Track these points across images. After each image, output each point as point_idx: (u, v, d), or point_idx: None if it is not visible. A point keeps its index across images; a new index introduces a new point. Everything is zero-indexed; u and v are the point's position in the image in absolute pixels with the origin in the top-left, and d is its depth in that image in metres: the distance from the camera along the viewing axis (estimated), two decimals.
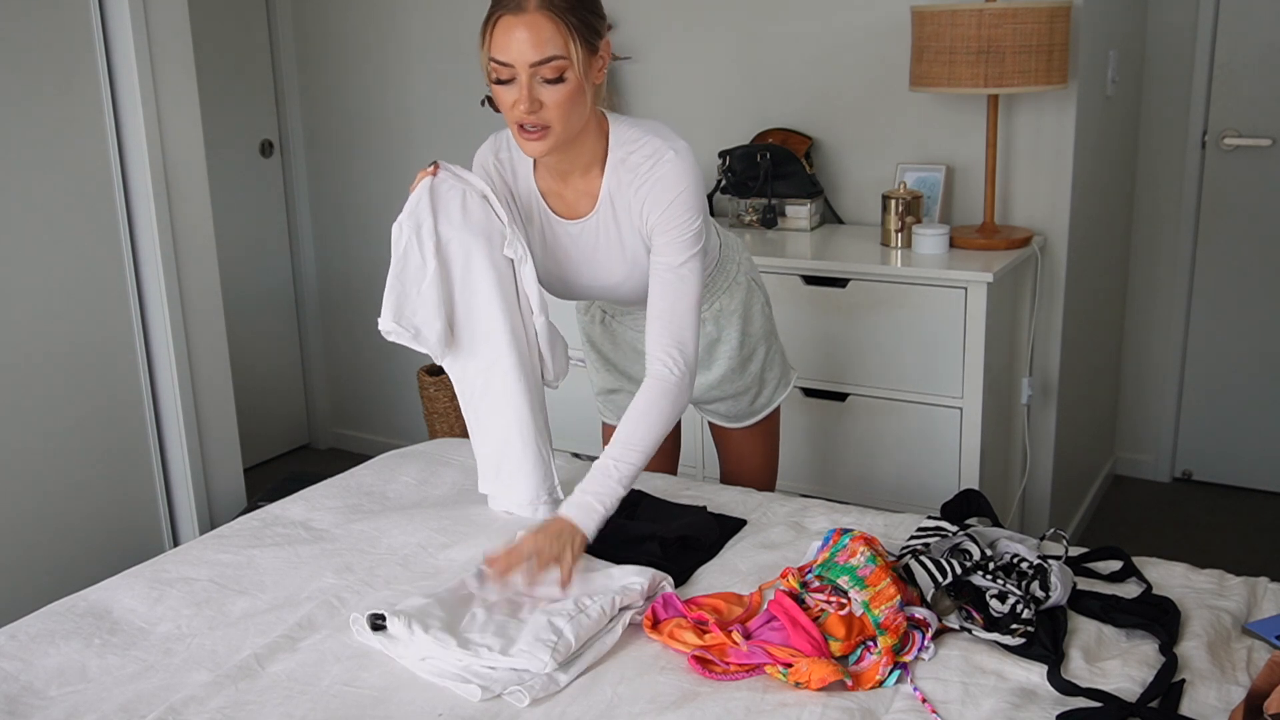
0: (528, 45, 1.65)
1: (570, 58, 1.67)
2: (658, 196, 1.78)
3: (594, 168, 1.83)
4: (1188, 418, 3.71)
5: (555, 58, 1.66)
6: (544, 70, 1.66)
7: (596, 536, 1.81)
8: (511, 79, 1.68)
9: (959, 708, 1.38)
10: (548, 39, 1.65)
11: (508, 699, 1.42)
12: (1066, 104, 2.84)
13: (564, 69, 1.67)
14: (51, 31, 2.60)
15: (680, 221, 1.79)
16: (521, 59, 1.66)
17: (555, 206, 1.89)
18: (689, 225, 1.79)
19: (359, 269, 4.08)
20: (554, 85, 1.68)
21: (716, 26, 3.24)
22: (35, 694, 1.48)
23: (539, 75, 1.67)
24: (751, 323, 2.13)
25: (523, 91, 1.67)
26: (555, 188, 1.88)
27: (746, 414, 2.20)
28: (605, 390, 2.28)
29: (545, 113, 1.69)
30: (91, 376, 2.77)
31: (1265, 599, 1.61)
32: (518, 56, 1.66)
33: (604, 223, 1.85)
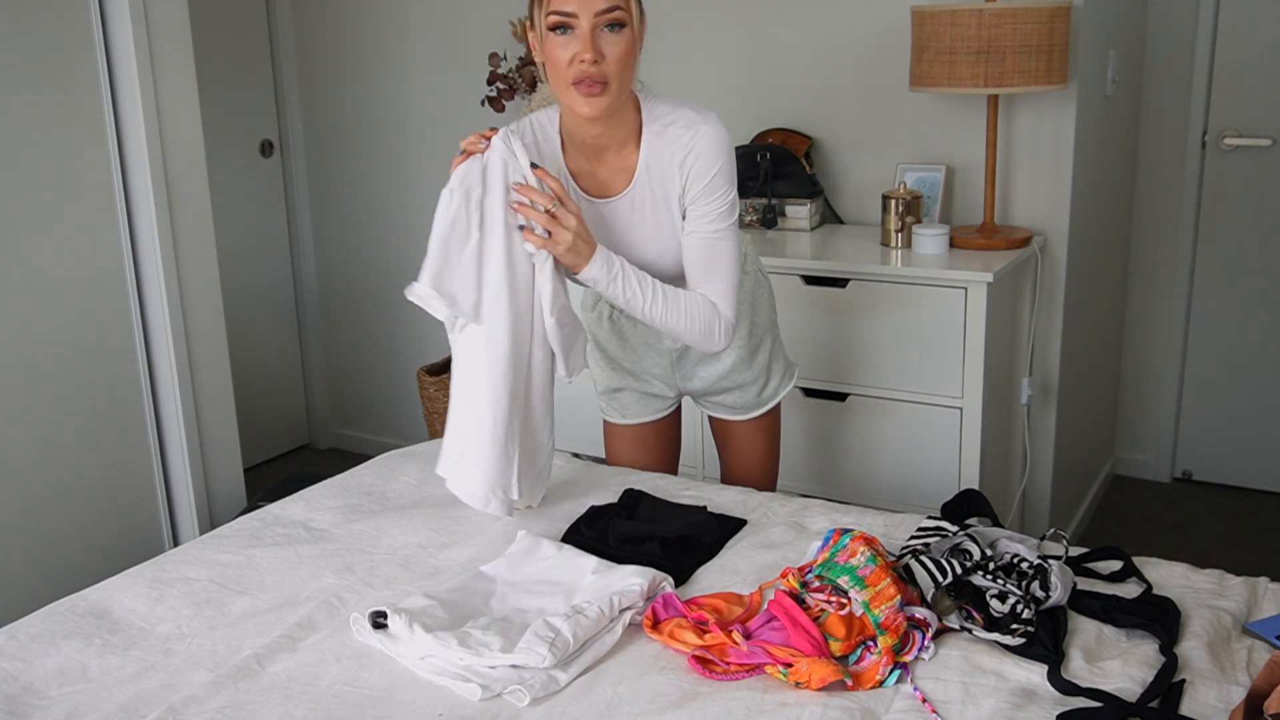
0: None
1: (629, 8, 1.71)
2: (700, 168, 1.81)
3: (630, 142, 1.85)
4: (1188, 418, 3.71)
5: (617, 6, 1.69)
6: (608, 18, 1.69)
7: (597, 536, 1.82)
8: (572, 28, 1.70)
9: (959, 708, 1.38)
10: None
11: (508, 698, 1.42)
12: (1066, 104, 2.84)
13: (624, 19, 1.71)
14: (51, 31, 2.60)
15: (720, 192, 1.83)
16: (588, 6, 1.68)
17: (587, 186, 1.89)
18: (727, 196, 1.84)
19: (359, 269, 4.09)
20: (616, 34, 1.71)
21: (716, 26, 3.24)
22: (35, 694, 1.48)
23: (601, 24, 1.69)
24: (759, 313, 2.15)
25: (585, 41, 1.69)
26: (587, 167, 1.89)
27: (754, 405, 2.20)
28: (609, 389, 2.27)
29: (605, 65, 1.71)
30: (91, 376, 2.77)
31: (1265, 599, 1.61)
32: (583, 4, 1.68)
33: (640, 198, 1.86)
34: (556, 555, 1.72)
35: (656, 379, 2.21)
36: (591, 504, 1.95)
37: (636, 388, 2.23)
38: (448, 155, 4.15)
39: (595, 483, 2.09)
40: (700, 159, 1.81)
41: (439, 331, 3.95)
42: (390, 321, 4.07)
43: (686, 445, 2.78)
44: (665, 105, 1.86)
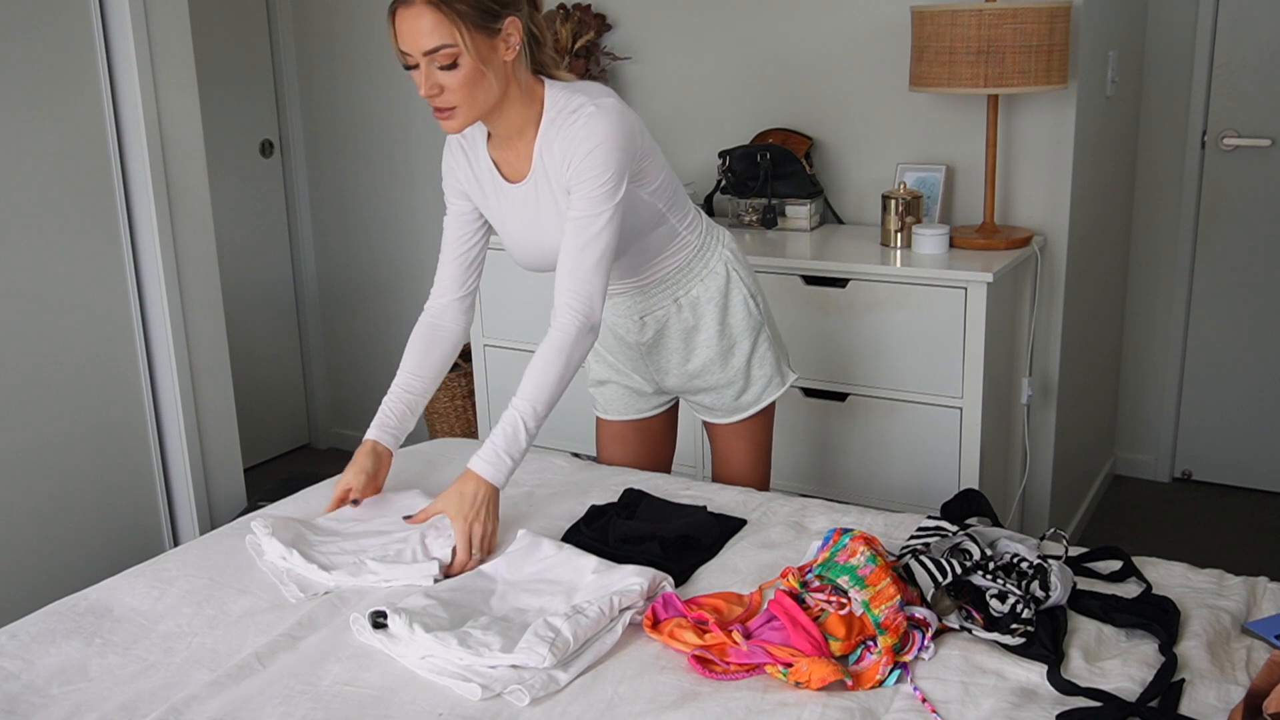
0: (417, 36, 1.73)
1: (459, 44, 1.73)
2: (575, 149, 1.82)
3: (529, 130, 1.88)
4: (1188, 418, 3.71)
5: (444, 46, 1.73)
6: (437, 58, 1.74)
7: (597, 536, 1.82)
8: (415, 65, 1.76)
9: (959, 708, 1.38)
10: (432, 29, 1.72)
11: (508, 698, 1.42)
12: (1066, 104, 2.84)
13: (455, 55, 1.74)
14: (52, 32, 2.60)
15: (593, 174, 1.81)
16: (415, 48, 1.74)
17: (505, 172, 1.95)
18: (601, 179, 1.81)
19: (359, 269, 4.09)
20: (450, 70, 1.75)
21: (716, 26, 3.24)
22: (36, 693, 1.48)
23: (434, 62, 1.74)
24: (730, 313, 2.11)
25: (420, 77, 1.76)
26: (503, 154, 1.94)
27: (732, 409, 2.18)
28: (597, 381, 2.29)
29: (447, 95, 1.77)
30: (92, 377, 2.77)
31: (1265, 599, 1.61)
32: (411, 46, 1.74)
33: (539, 183, 1.90)
34: (556, 555, 1.72)
35: (634, 372, 2.23)
36: (591, 504, 1.95)
37: (620, 381, 2.24)
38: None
39: (595, 483, 2.09)
40: (575, 139, 1.82)
41: None
42: (390, 321, 4.07)
43: (684, 444, 2.78)
44: (566, 92, 1.87)
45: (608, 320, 2.16)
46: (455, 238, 2.04)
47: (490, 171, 1.95)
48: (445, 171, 2.02)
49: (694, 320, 2.10)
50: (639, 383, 2.23)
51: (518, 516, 1.95)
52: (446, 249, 2.05)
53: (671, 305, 2.09)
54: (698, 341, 2.12)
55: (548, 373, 1.81)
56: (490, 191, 1.97)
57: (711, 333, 2.11)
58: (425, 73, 1.75)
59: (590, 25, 3.31)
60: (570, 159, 1.82)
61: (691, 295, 2.08)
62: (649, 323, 2.11)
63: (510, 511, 1.99)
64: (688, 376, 2.16)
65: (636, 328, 2.13)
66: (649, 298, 2.09)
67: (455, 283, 2.05)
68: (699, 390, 2.19)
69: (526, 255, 2.03)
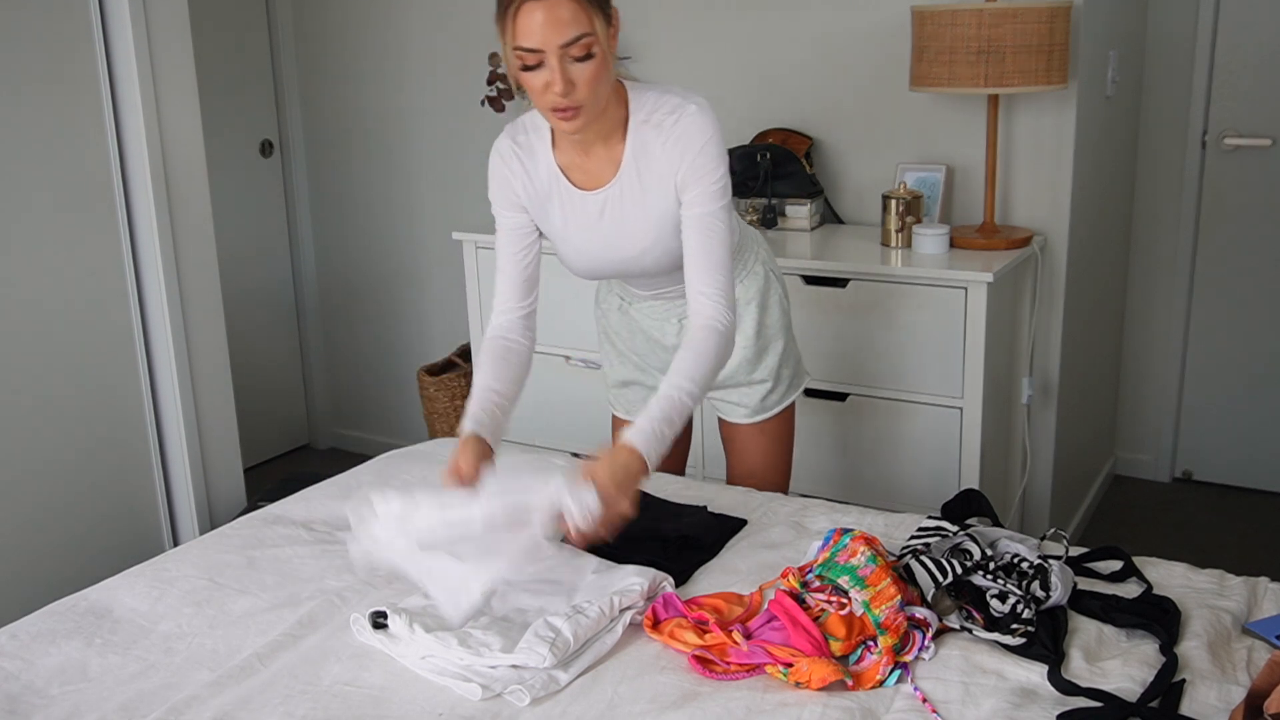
0: (554, 28, 1.64)
1: (595, 32, 1.67)
2: (685, 148, 1.80)
3: (616, 134, 1.84)
4: (1188, 418, 3.71)
5: (582, 35, 1.66)
6: (573, 50, 1.66)
7: None
8: (539, 64, 1.68)
9: (959, 708, 1.38)
10: (572, 18, 1.65)
11: (508, 698, 1.42)
12: (1066, 104, 2.84)
13: (591, 45, 1.67)
14: (51, 31, 2.60)
15: (708, 170, 1.81)
16: (549, 42, 1.65)
17: (576, 179, 1.88)
18: (716, 174, 1.82)
19: (359, 269, 4.09)
20: (583, 63, 1.68)
21: (716, 26, 3.24)
22: (36, 693, 1.48)
23: (568, 56, 1.67)
24: (768, 313, 2.13)
25: (554, 75, 1.67)
26: (576, 160, 1.88)
27: (757, 409, 2.17)
28: (620, 383, 2.26)
29: (577, 92, 1.69)
30: (91, 377, 2.77)
31: (1265, 599, 1.61)
32: (545, 40, 1.65)
33: (628, 187, 1.86)
34: (557, 555, 1.72)
35: (661, 373, 2.18)
36: None
37: (644, 381, 2.21)
38: (448, 155, 4.17)
39: None
40: (683, 141, 1.81)
41: (439, 331, 3.95)
42: (390, 321, 4.07)
43: None
44: (652, 94, 1.85)
45: (641, 323, 2.15)
46: (514, 252, 1.93)
47: (557, 180, 1.89)
48: (497, 184, 1.92)
49: None
50: None
51: None
52: (505, 265, 1.94)
53: None
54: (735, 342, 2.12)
55: (706, 356, 1.78)
56: (555, 201, 1.90)
57: (749, 334, 2.11)
58: (559, 69, 1.66)
59: None
60: (684, 158, 1.80)
61: None
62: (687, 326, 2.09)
63: None
64: (721, 377, 2.15)
65: (674, 331, 2.11)
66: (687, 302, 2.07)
67: (518, 298, 1.94)
68: (727, 388, 2.18)
69: (591, 264, 1.97)
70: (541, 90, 1.70)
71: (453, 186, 3.78)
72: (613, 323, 2.22)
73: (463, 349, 3.64)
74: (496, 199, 1.93)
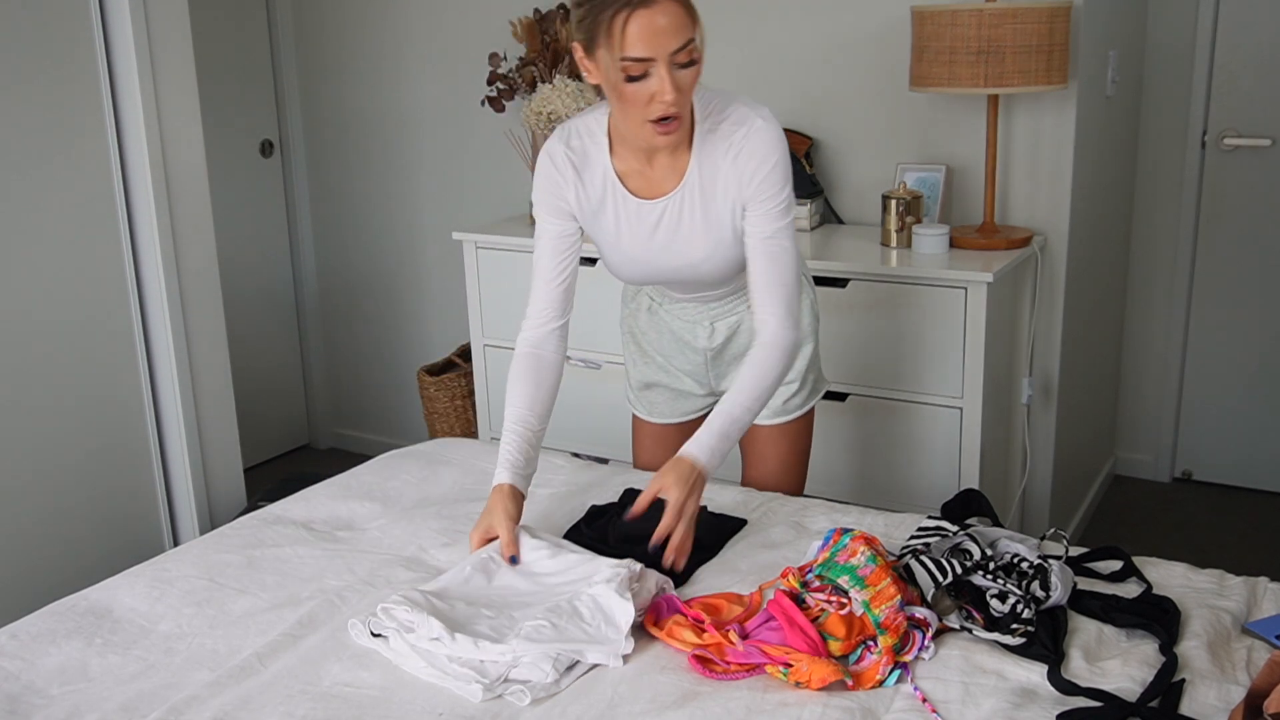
0: (666, 34, 1.60)
1: (696, 37, 1.64)
2: (752, 166, 1.77)
3: (682, 143, 1.80)
4: (1188, 418, 3.71)
5: (690, 41, 1.63)
6: (679, 56, 1.63)
7: (597, 536, 1.82)
8: (645, 74, 1.63)
9: (959, 708, 1.38)
10: (681, 24, 1.62)
11: (508, 698, 1.42)
12: (1066, 104, 2.84)
13: (694, 50, 1.64)
14: (51, 31, 2.60)
15: (774, 189, 1.79)
16: (661, 50, 1.60)
17: (634, 187, 1.84)
18: (782, 193, 1.80)
19: (359, 269, 4.09)
20: (687, 69, 1.65)
21: (716, 27, 3.23)
22: (37, 693, 1.48)
23: (674, 62, 1.63)
24: (801, 316, 2.11)
25: (665, 83, 1.62)
26: (637, 168, 1.83)
27: (780, 411, 2.15)
28: (643, 384, 2.24)
29: (680, 99, 1.66)
30: (91, 376, 2.77)
31: (1265, 599, 1.61)
32: (659, 48, 1.60)
33: (689, 197, 1.83)
34: (557, 555, 1.72)
35: (688, 375, 2.17)
36: (592, 504, 1.95)
37: (668, 384, 2.19)
38: (448, 155, 4.17)
39: (595, 483, 2.09)
40: (753, 157, 1.77)
41: (439, 331, 3.95)
42: (390, 321, 4.07)
43: None
44: (717, 101, 1.81)
45: (672, 326, 2.13)
46: (555, 261, 1.88)
47: (614, 187, 1.84)
48: (546, 190, 1.86)
49: None
50: (690, 385, 2.18)
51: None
52: (544, 274, 1.89)
53: (745, 311, 2.05)
54: None
55: (769, 374, 1.79)
56: (610, 208, 1.86)
57: None
58: (668, 76, 1.62)
59: None
60: (751, 176, 1.78)
61: None
62: (720, 329, 2.08)
63: None
64: None
65: (706, 333, 2.10)
66: (723, 304, 2.06)
67: (555, 310, 1.90)
68: None
69: (642, 271, 1.94)
70: (646, 101, 1.65)
71: (453, 186, 3.78)
72: (640, 324, 2.19)
73: (463, 349, 3.65)
74: (543, 204, 1.87)
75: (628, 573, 1.58)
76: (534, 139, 3.20)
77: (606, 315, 2.97)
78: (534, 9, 3.39)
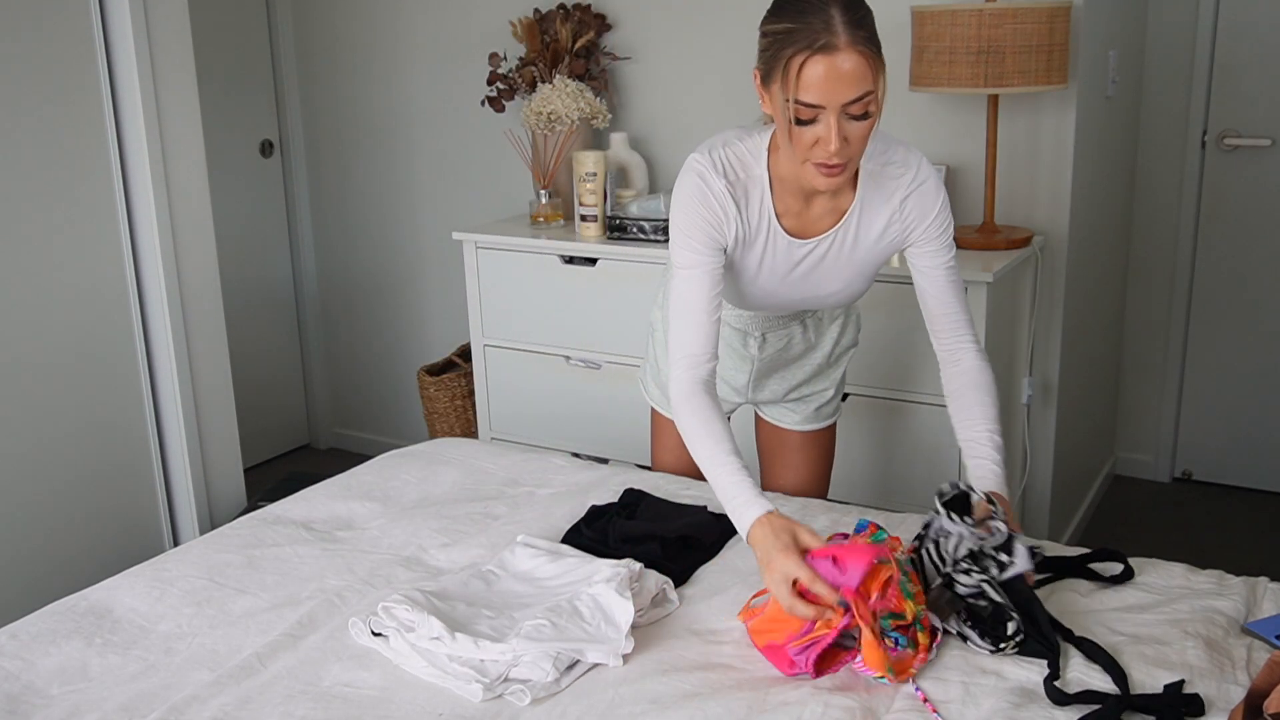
0: (841, 84, 1.55)
1: (875, 90, 1.60)
2: (925, 207, 1.79)
3: (845, 183, 1.76)
4: (1188, 418, 3.71)
5: (867, 94, 1.59)
6: (853, 108, 1.59)
7: (597, 536, 1.82)
8: (814, 119, 1.58)
9: (959, 708, 1.38)
10: (861, 76, 1.56)
11: (508, 698, 1.42)
12: (1066, 104, 2.84)
13: (870, 104, 1.60)
14: (51, 32, 2.60)
15: (944, 229, 1.81)
16: (834, 100, 1.56)
17: (789, 226, 1.81)
18: (950, 232, 1.82)
19: (359, 269, 4.09)
20: (860, 121, 1.61)
21: (716, 27, 3.24)
22: (36, 693, 1.48)
23: (846, 113, 1.59)
24: (847, 331, 2.15)
25: (830, 133, 1.58)
26: (795, 208, 1.80)
27: (813, 417, 2.16)
28: None
29: (846, 149, 1.61)
30: (92, 377, 2.77)
31: (1265, 599, 1.61)
32: (830, 98, 1.56)
33: (844, 238, 1.81)
34: (557, 556, 1.72)
35: (727, 383, 2.13)
36: (592, 504, 1.95)
37: None
38: (448, 155, 4.16)
39: (595, 483, 2.09)
40: (925, 198, 1.78)
41: (439, 331, 3.95)
42: (390, 321, 4.07)
43: None
44: (879, 142, 1.78)
45: (722, 334, 2.07)
46: (712, 296, 1.77)
47: (771, 224, 1.78)
48: (707, 223, 1.75)
49: (815, 339, 2.10)
50: (726, 392, 2.14)
51: (517, 517, 1.95)
52: (701, 309, 1.76)
53: (797, 326, 2.06)
54: (812, 357, 2.11)
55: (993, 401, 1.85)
56: (763, 244, 1.81)
57: (828, 346, 2.11)
58: (835, 125, 1.57)
59: (590, 25, 3.31)
60: (923, 217, 1.79)
61: (817, 315, 2.08)
62: (771, 340, 2.07)
63: (511, 512, 1.99)
64: (787, 390, 2.13)
65: (756, 343, 2.07)
66: (778, 317, 2.04)
67: (711, 348, 1.77)
68: (790, 400, 2.16)
69: (768, 301, 1.91)
70: (810, 145, 1.62)
71: (453, 186, 3.78)
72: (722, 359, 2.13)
73: (463, 349, 3.65)
74: (700, 240, 1.77)
75: (627, 572, 1.59)
76: (534, 139, 3.21)
77: (607, 315, 2.98)
78: (534, 9, 3.39)
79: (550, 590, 1.64)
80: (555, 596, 1.60)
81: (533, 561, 1.71)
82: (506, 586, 1.66)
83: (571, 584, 1.63)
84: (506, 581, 1.68)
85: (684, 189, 1.76)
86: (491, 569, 1.70)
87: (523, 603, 1.61)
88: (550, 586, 1.65)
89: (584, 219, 2.98)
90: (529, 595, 1.63)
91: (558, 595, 1.60)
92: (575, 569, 1.67)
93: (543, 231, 3.11)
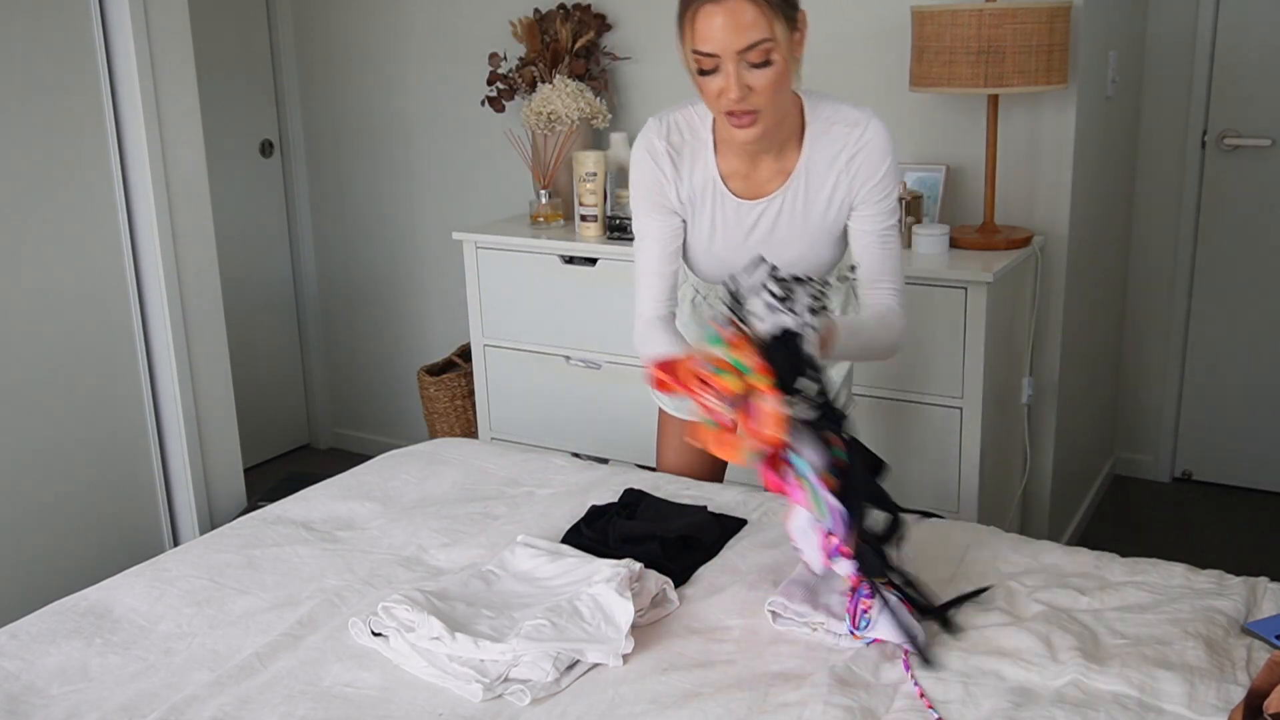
0: (732, 32, 1.62)
1: (775, 38, 1.64)
2: (869, 168, 1.80)
3: (790, 143, 1.81)
4: (1188, 418, 3.71)
5: (761, 41, 1.63)
6: (750, 55, 1.64)
7: (597, 536, 1.82)
8: (715, 69, 1.66)
9: (959, 707, 1.38)
10: (751, 23, 1.62)
11: (508, 698, 1.42)
12: (1066, 104, 2.84)
13: (770, 51, 1.65)
14: (52, 32, 2.60)
15: (887, 190, 1.82)
16: (726, 47, 1.63)
17: (736, 188, 1.85)
18: (893, 193, 1.83)
19: (359, 269, 4.09)
20: (761, 69, 1.65)
21: None
22: (36, 693, 1.48)
23: (745, 61, 1.64)
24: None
25: (729, 80, 1.65)
26: (741, 169, 1.84)
27: None
28: None
29: (753, 98, 1.66)
30: (92, 377, 2.77)
31: (1265, 599, 1.61)
32: (722, 45, 1.63)
33: (792, 198, 1.83)
34: (557, 556, 1.72)
35: None
36: (592, 504, 1.95)
37: None
38: (448, 155, 4.17)
39: (596, 483, 2.09)
40: (869, 158, 1.80)
41: (439, 331, 3.95)
42: (390, 321, 4.07)
43: None
44: (828, 104, 1.82)
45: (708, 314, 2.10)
46: (664, 257, 1.88)
47: (715, 185, 1.84)
48: (647, 187, 1.85)
49: None
50: None
51: (516, 517, 1.95)
52: (654, 269, 1.89)
53: None
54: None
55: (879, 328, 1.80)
56: (708, 208, 1.86)
57: None
58: (734, 74, 1.64)
59: (590, 25, 3.31)
60: (868, 177, 1.80)
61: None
62: None
63: (511, 512, 1.99)
64: None
65: None
66: None
67: (666, 296, 1.90)
68: None
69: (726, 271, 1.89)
70: (715, 95, 1.68)
71: (453, 186, 3.78)
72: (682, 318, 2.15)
73: (463, 349, 3.65)
74: (646, 203, 1.86)
75: (627, 572, 1.59)
76: (534, 139, 3.21)
77: (607, 315, 2.98)
78: (534, 9, 3.39)
79: (550, 590, 1.64)
80: (555, 596, 1.60)
81: (533, 561, 1.71)
82: (506, 586, 1.66)
83: (571, 584, 1.63)
84: (506, 581, 1.68)
85: (634, 152, 1.86)
86: (491, 569, 1.70)
87: (523, 603, 1.61)
88: (550, 586, 1.65)
89: (584, 219, 2.98)
90: (529, 595, 1.63)
91: (558, 595, 1.60)
92: (575, 569, 1.67)
93: (543, 231, 3.11)
